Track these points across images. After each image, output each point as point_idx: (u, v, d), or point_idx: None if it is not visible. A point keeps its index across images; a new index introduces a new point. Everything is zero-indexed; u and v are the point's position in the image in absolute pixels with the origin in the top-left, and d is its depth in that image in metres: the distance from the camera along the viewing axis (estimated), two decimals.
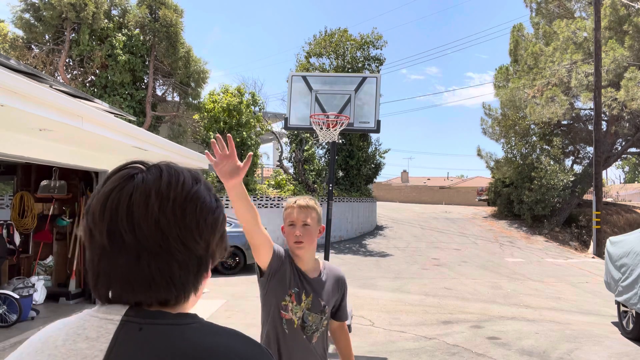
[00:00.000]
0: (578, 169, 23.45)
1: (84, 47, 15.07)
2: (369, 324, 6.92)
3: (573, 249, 18.82)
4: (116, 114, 6.50)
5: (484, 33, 50.74)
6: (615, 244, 7.22)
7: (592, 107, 18.12)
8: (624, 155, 25.07)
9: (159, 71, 16.62)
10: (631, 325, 6.43)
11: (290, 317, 1.96)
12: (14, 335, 5.65)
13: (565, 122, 22.92)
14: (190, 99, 17.22)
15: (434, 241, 18.74)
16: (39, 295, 7.18)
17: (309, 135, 18.74)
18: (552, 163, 21.50)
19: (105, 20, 15.61)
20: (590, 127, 20.84)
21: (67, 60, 15.69)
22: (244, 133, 16.77)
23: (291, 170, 19.75)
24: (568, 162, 23.97)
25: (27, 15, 14.90)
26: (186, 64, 16.49)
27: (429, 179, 54.46)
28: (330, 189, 6.80)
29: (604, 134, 19.87)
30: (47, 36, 15.38)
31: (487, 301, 8.78)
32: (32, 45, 15.57)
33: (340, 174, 20.42)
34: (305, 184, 18.26)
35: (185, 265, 0.74)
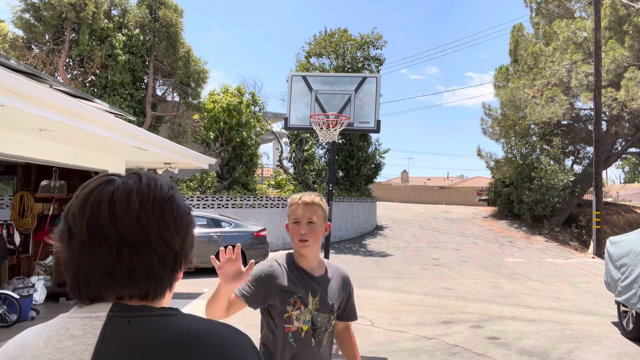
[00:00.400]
0: (578, 169, 23.45)
1: (84, 47, 15.07)
2: (369, 324, 6.92)
3: (573, 249, 18.81)
4: (116, 114, 6.50)
5: (484, 33, 50.81)
6: (615, 244, 7.22)
7: (592, 107, 18.12)
8: (624, 155, 25.06)
9: (159, 71, 16.61)
10: (631, 325, 6.43)
11: (296, 327, 1.85)
12: (14, 335, 5.64)
13: (565, 122, 22.91)
14: (190, 99, 17.21)
15: (434, 241, 18.74)
16: (39, 295, 7.18)
17: (309, 135, 18.73)
18: (552, 163, 21.50)
19: (105, 20, 15.61)
20: (590, 127, 20.84)
21: (67, 60, 15.68)
22: (244, 133, 16.77)
23: (291, 170, 19.74)
24: (568, 162, 23.99)
25: (27, 15, 14.89)
26: (186, 64, 16.48)
27: (429, 179, 54.47)
28: (330, 189, 6.80)
29: (604, 134, 19.86)
30: (47, 36, 15.36)
31: (487, 301, 8.78)
32: (32, 45, 15.56)
33: (340, 174, 20.41)
34: (305, 184, 18.26)
35: (163, 258, 0.78)
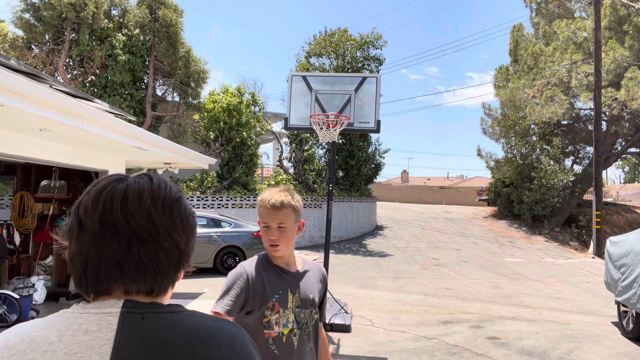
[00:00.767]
0: (578, 169, 23.45)
1: (84, 47, 15.06)
2: (369, 324, 6.92)
3: (573, 249, 18.81)
4: (116, 114, 6.50)
5: (484, 33, 50.83)
6: (615, 244, 7.22)
7: (592, 107, 18.12)
8: (624, 155, 25.08)
9: (159, 71, 16.61)
10: (631, 325, 6.43)
11: (277, 333, 1.77)
12: None
13: (565, 122, 22.91)
14: (190, 99, 17.21)
15: (434, 241, 18.74)
16: (39, 295, 7.18)
17: (309, 135, 18.73)
18: (552, 163, 21.50)
19: (105, 20, 15.60)
20: (590, 127, 20.84)
21: (67, 60, 15.68)
22: (244, 133, 16.77)
23: (291, 170, 19.73)
24: (568, 162, 24.00)
25: (27, 15, 14.89)
26: (186, 64, 16.48)
27: (429, 179, 54.49)
28: (330, 189, 6.81)
29: (604, 134, 19.87)
30: (47, 36, 15.36)
31: (487, 301, 8.78)
32: (32, 45, 15.56)
33: (340, 174, 20.41)
34: (305, 184, 18.26)
35: (170, 254, 0.81)
